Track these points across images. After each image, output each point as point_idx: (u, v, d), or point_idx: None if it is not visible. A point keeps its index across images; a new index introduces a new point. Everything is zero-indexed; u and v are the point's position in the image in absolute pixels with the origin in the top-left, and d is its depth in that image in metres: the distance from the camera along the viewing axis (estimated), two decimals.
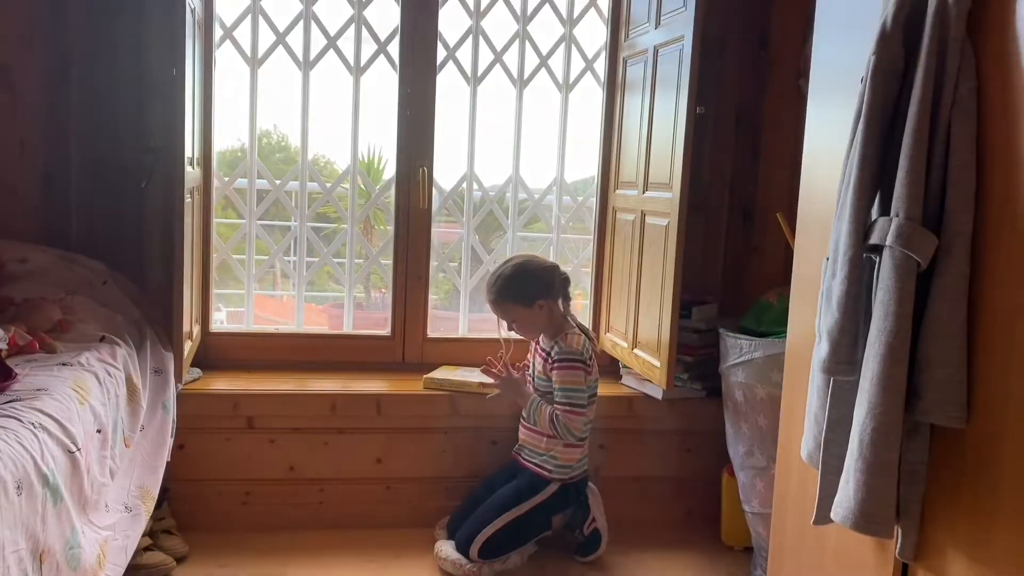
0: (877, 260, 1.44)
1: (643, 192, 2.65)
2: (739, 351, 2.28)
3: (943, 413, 1.34)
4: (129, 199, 2.61)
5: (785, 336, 2.05)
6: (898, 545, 1.47)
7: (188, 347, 2.43)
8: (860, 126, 1.48)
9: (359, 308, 4.60)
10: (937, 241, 1.33)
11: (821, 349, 1.57)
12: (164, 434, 2.13)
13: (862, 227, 1.45)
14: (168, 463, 2.46)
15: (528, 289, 2.48)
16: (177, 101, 2.15)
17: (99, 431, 1.74)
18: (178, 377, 2.26)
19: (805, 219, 1.88)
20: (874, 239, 1.42)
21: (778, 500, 2.05)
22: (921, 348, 1.36)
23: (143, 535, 2.27)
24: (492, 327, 2.67)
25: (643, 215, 2.65)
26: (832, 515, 1.51)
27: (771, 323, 2.33)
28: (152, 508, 1.98)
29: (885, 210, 1.44)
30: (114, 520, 1.81)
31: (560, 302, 2.53)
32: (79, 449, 1.59)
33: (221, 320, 3.96)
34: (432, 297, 4.75)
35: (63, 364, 1.82)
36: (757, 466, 2.29)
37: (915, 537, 1.46)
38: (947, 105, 1.35)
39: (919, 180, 1.36)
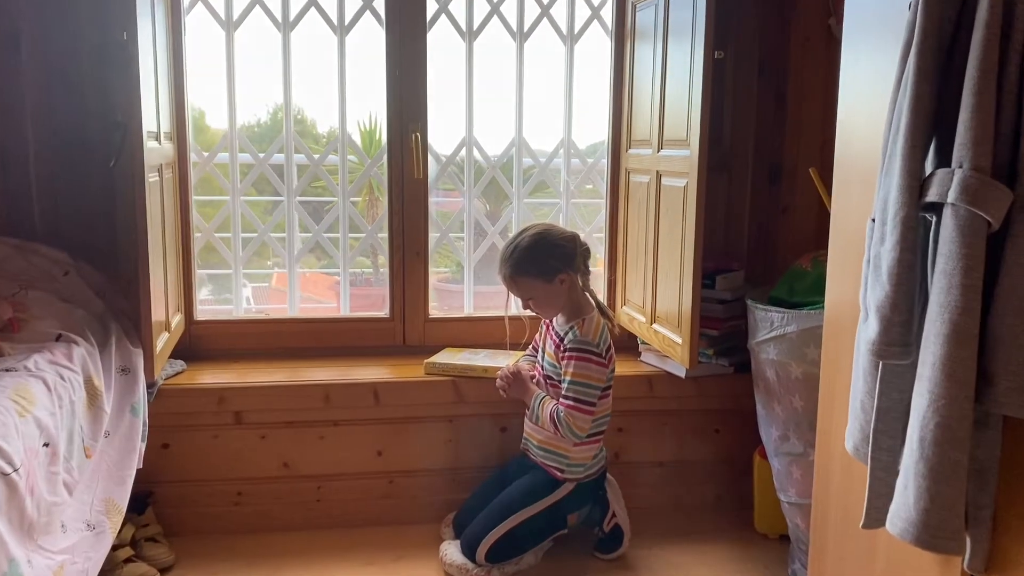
0: (934, 221, 1.21)
1: (658, 151, 2.40)
2: (770, 325, 2.04)
3: (1020, 403, 1.11)
4: (97, 180, 2.40)
5: (822, 307, 1.82)
6: (966, 556, 1.25)
7: (164, 339, 2.23)
8: (911, 60, 1.23)
9: (367, 284, 4.40)
10: (1012, 196, 1.09)
11: (869, 328, 1.33)
12: (133, 439, 1.93)
13: (917, 182, 1.21)
14: (152, 464, 2.30)
15: (548, 261, 2.22)
16: (131, 69, 1.93)
17: (46, 444, 1.54)
18: (149, 375, 2.06)
19: (843, 174, 1.64)
20: (932, 196, 1.18)
21: (819, 493, 1.83)
22: (992, 326, 1.13)
23: (124, 546, 2.11)
24: (501, 301, 2.44)
25: (658, 176, 2.40)
26: (889, 526, 1.28)
27: (805, 292, 2.08)
28: (119, 523, 1.79)
29: (944, 160, 1.20)
30: (72, 541, 1.62)
31: (579, 277, 2.29)
32: (16, 469, 1.39)
33: (247, 297, 3.78)
34: (443, 270, 4.56)
35: (6, 371, 1.62)
36: (793, 452, 2.06)
37: (985, 546, 1.25)
38: (1021, 28, 1.11)
39: (987, 122, 1.12)
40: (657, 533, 2.44)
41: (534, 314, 2.33)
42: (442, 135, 2.75)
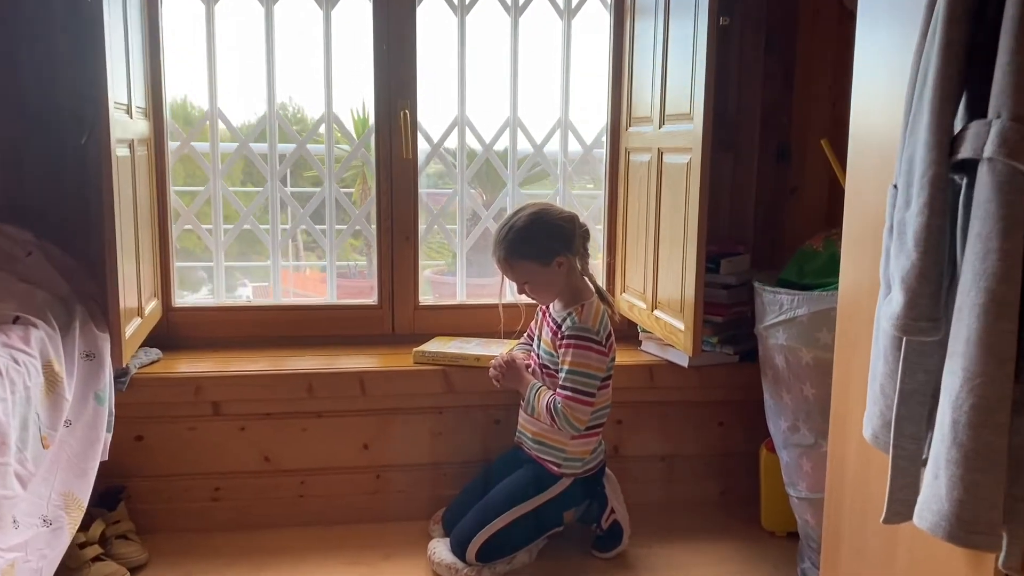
0: (964, 184, 1.10)
1: (660, 127, 2.27)
2: (779, 308, 1.91)
3: None
4: (68, 157, 2.27)
5: (835, 288, 1.70)
6: (1002, 554, 1.13)
7: (136, 325, 2.11)
8: (940, 3, 1.11)
9: (361, 276, 4.27)
10: None
11: (892, 302, 1.21)
12: (97, 429, 1.81)
13: (947, 137, 1.09)
14: (125, 458, 2.18)
15: (545, 243, 2.08)
16: (95, 31, 1.80)
17: None
18: (116, 361, 1.93)
19: (859, 140, 1.52)
20: (965, 152, 1.06)
21: (832, 486, 1.71)
22: None
23: (93, 543, 1.99)
24: (494, 292, 2.32)
25: (660, 154, 2.27)
26: (917, 520, 1.16)
27: (816, 274, 1.95)
28: (79, 518, 1.66)
29: (977, 113, 1.08)
30: (26, 538, 1.50)
31: (578, 260, 2.15)
32: None
33: (247, 296, 3.65)
34: (438, 263, 4.42)
35: None
36: (803, 443, 1.93)
37: (1023, 544, 1.12)
38: None
39: None
40: (658, 531, 2.32)
41: (530, 300, 2.20)
42: (433, 117, 2.62)
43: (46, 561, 1.55)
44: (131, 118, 2.09)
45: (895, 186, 1.28)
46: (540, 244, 2.07)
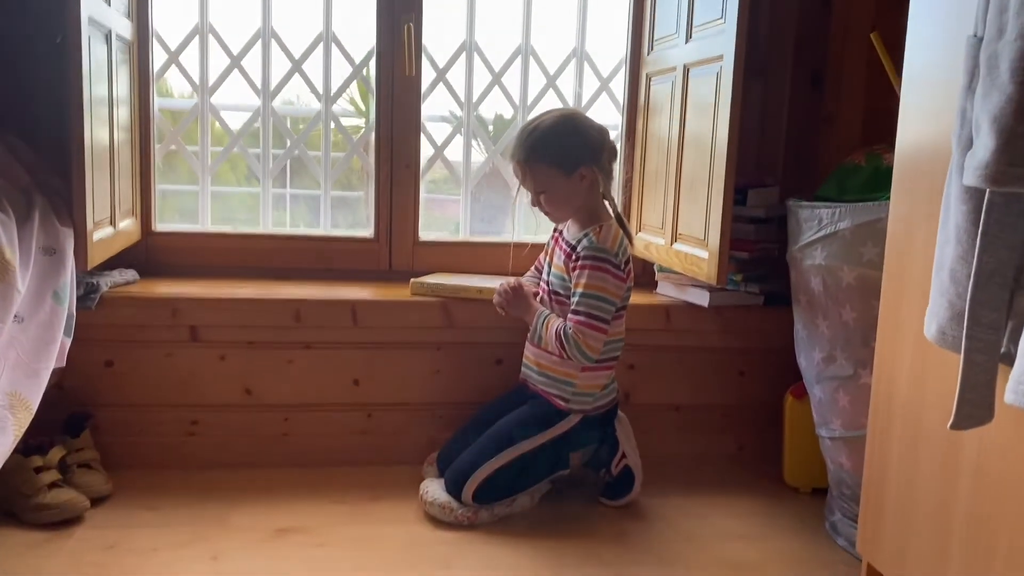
0: None
1: (687, 40, 2.09)
2: (817, 224, 1.72)
3: None
4: (44, 54, 2.09)
5: (884, 199, 1.51)
6: None
7: (108, 232, 1.93)
8: None
9: None
10: None
11: (979, 150, 1.02)
12: (53, 330, 1.62)
13: None
14: (93, 384, 2.01)
15: (571, 150, 1.88)
16: None
17: None
18: (81, 262, 1.74)
19: None
20: None
21: (877, 416, 1.52)
22: None
23: (51, 468, 1.80)
24: (497, 231, 2.13)
25: (686, 71, 2.09)
26: (1007, 396, 0.98)
27: (859, 189, 1.76)
28: (26, 422, 1.47)
29: None
30: None
31: (602, 177, 1.95)
32: None
33: None
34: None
35: None
36: (840, 375, 1.74)
37: None
38: None
39: None
40: (672, 484, 2.13)
41: (542, 212, 1.99)
42: (438, 41, 2.44)
43: None
44: (108, 5, 1.90)
45: (975, 34, 1.10)
46: (566, 150, 1.88)
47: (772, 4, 2.31)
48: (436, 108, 2.50)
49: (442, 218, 2.68)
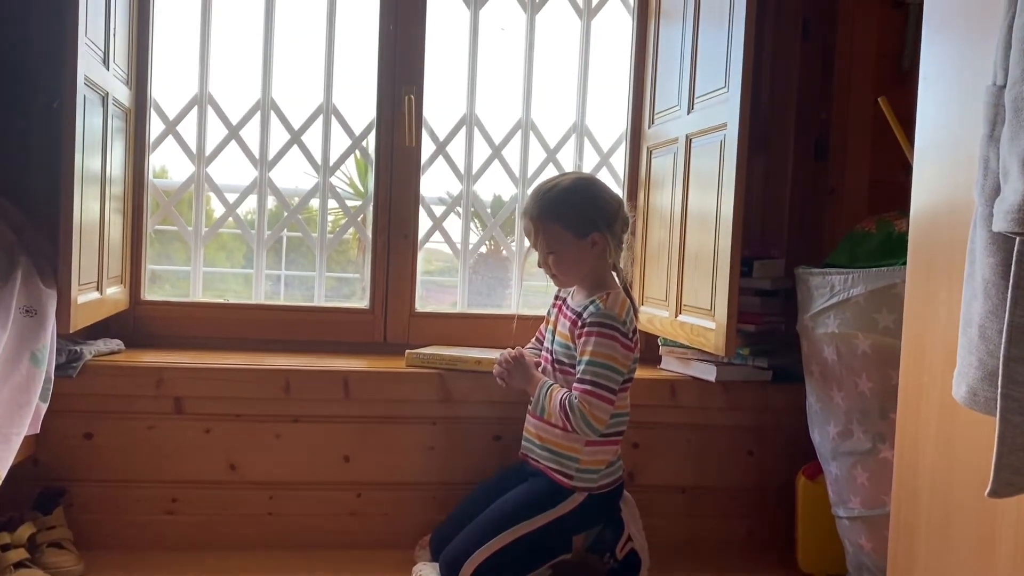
0: None
1: (689, 112, 2.08)
2: (829, 291, 1.66)
3: None
4: (40, 119, 2.05)
5: (899, 264, 1.46)
6: None
7: (93, 296, 1.86)
8: None
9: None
10: None
11: (1009, 195, 0.97)
12: (29, 393, 1.53)
13: None
14: (69, 457, 1.91)
15: (586, 213, 1.84)
16: None
17: None
18: (64, 324, 1.67)
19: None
20: None
21: (901, 488, 1.42)
22: None
23: (19, 546, 1.69)
24: (497, 303, 2.07)
25: (688, 142, 2.07)
26: None
27: (869, 256, 1.71)
28: None
29: None
30: None
31: (613, 246, 1.89)
32: None
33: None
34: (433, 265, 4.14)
35: None
36: (858, 450, 1.65)
37: None
38: None
39: None
40: (678, 571, 2.01)
41: (548, 275, 1.93)
42: (439, 114, 2.43)
43: None
44: (106, 68, 1.88)
45: (995, 83, 1.06)
46: (580, 212, 1.84)
47: (773, 73, 2.30)
48: (435, 189, 2.48)
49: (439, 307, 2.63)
